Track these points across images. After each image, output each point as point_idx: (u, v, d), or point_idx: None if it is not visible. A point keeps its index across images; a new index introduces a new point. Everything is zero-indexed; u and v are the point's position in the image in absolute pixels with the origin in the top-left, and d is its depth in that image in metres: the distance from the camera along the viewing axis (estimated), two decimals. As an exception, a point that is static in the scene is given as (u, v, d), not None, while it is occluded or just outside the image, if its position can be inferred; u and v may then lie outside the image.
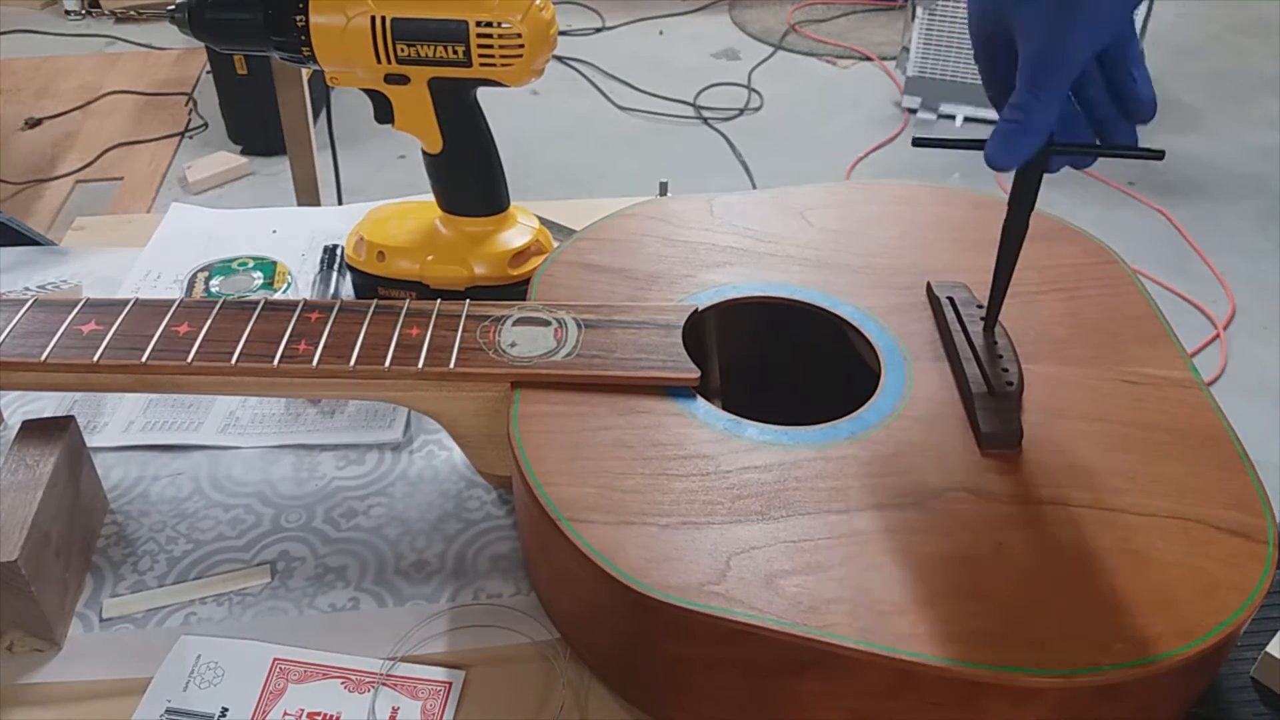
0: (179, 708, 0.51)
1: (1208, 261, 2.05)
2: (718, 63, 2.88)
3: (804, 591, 0.44)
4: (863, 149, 2.43)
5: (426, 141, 0.67)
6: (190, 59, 2.80)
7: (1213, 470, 0.49)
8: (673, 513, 0.47)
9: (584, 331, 0.57)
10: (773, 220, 0.67)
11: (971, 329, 0.56)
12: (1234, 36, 2.94)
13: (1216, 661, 0.46)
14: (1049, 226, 0.66)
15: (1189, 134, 2.48)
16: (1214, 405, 0.53)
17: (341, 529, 0.60)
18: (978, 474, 0.49)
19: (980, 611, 0.43)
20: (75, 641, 0.54)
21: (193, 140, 2.47)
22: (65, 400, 0.69)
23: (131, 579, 0.57)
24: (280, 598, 0.56)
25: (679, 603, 0.43)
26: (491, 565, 0.58)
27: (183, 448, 0.65)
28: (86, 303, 0.58)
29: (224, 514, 0.61)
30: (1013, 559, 0.45)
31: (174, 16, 0.65)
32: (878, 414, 0.53)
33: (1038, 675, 0.41)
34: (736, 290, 0.61)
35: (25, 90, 2.69)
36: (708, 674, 0.46)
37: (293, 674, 0.52)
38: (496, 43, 0.61)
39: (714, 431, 0.51)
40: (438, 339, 0.56)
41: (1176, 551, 0.45)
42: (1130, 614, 0.43)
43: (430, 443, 0.66)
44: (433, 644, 0.54)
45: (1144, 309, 0.60)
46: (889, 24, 3.04)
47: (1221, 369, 1.80)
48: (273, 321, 0.57)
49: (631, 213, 0.68)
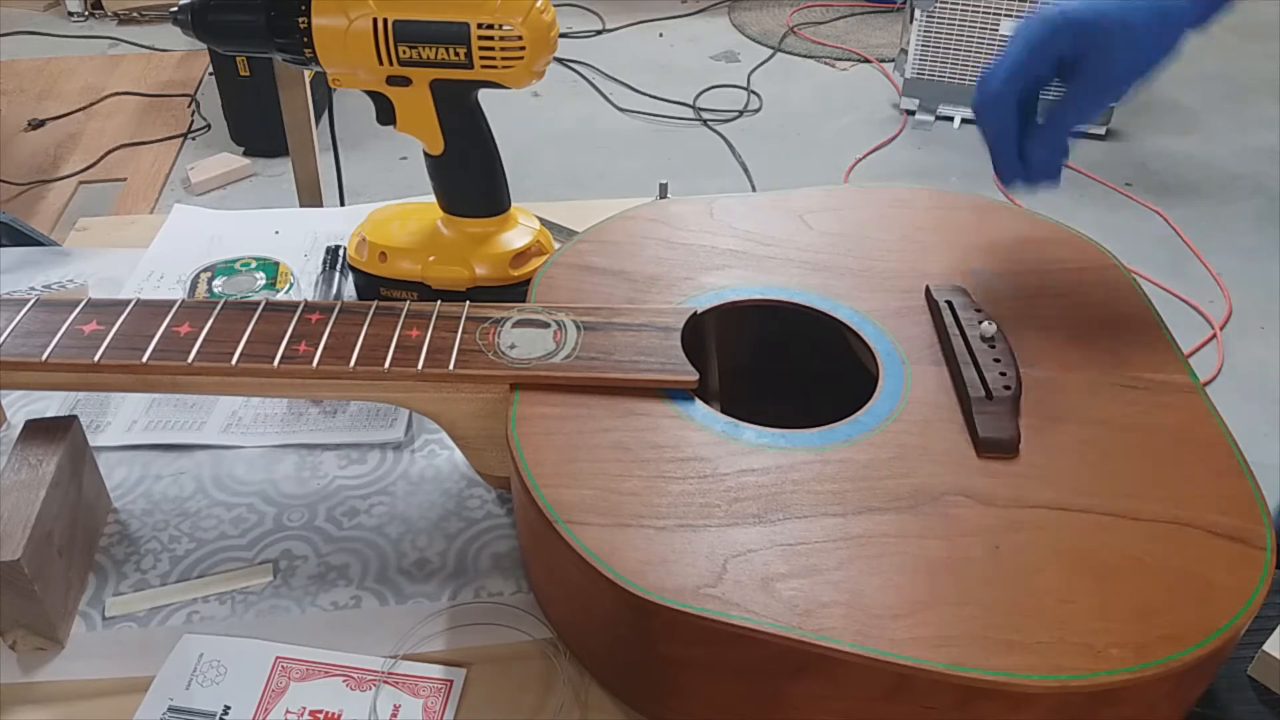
0: (181, 706, 0.51)
1: (1205, 262, 2.05)
2: (717, 65, 2.88)
3: (800, 595, 0.44)
4: (861, 150, 2.44)
5: (428, 143, 0.67)
6: (193, 61, 2.80)
7: (1210, 475, 0.50)
8: (670, 515, 0.47)
9: (583, 333, 0.57)
10: (772, 223, 0.67)
11: (970, 333, 0.57)
12: (1231, 38, 2.94)
13: (1213, 667, 0.46)
14: (1047, 230, 0.66)
15: (1186, 135, 2.49)
16: (1212, 410, 0.53)
17: (343, 528, 0.60)
18: (975, 478, 0.49)
19: (977, 616, 0.43)
20: (78, 640, 0.54)
21: (195, 141, 2.48)
22: (68, 400, 0.69)
23: (134, 578, 0.58)
24: (282, 596, 0.57)
25: (675, 605, 0.43)
26: (492, 564, 0.58)
27: (185, 447, 0.66)
28: (88, 303, 0.58)
29: (226, 513, 0.61)
30: (1009, 563, 0.45)
31: (176, 18, 0.65)
32: (875, 417, 0.53)
33: (1034, 680, 0.41)
34: (736, 293, 0.61)
35: (28, 91, 2.69)
36: (704, 677, 0.47)
37: (295, 672, 0.52)
38: (498, 45, 0.62)
39: (712, 434, 0.52)
40: (437, 340, 0.56)
41: (1173, 557, 0.46)
42: (1127, 619, 0.43)
43: (432, 442, 0.66)
44: (434, 642, 0.54)
45: (1142, 313, 0.60)
46: (887, 26, 3.05)
47: (1218, 369, 1.80)
48: (273, 322, 0.57)
49: (631, 215, 0.68)
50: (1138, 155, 2.41)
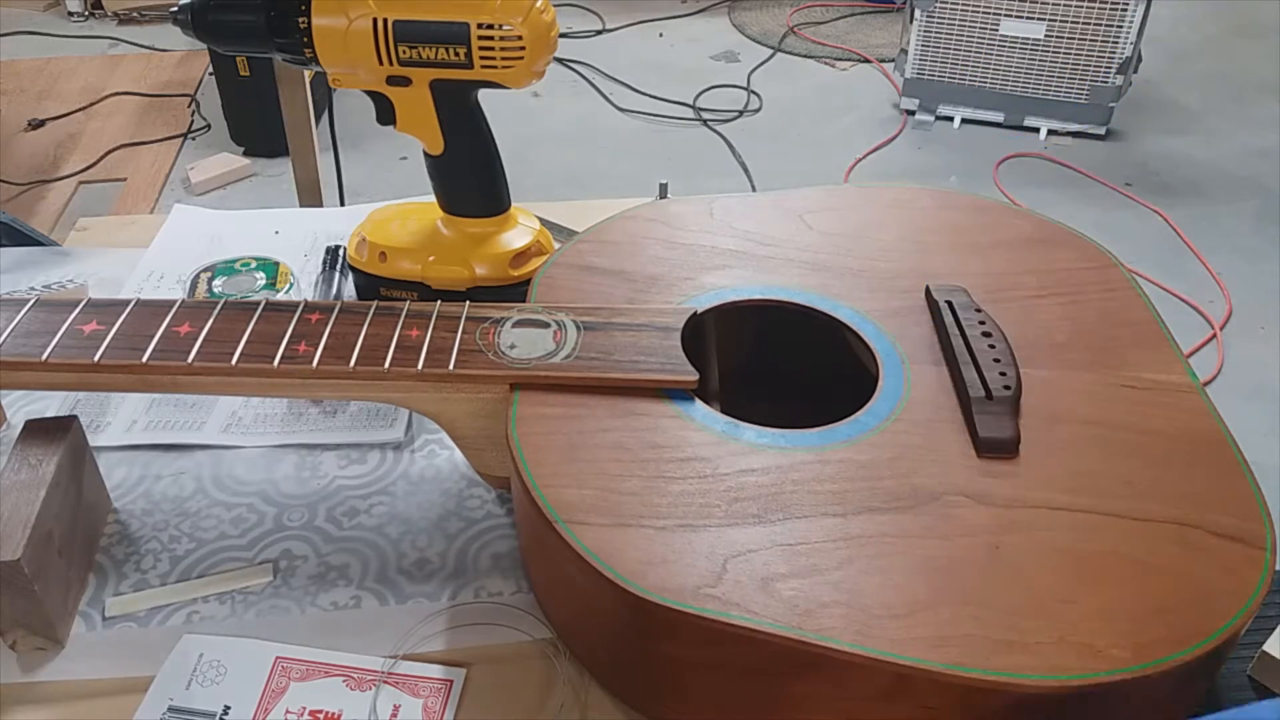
0: (181, 706, 0.51)
1: (1205, 262, 2.05)
2: (717, 65, 2.88)
3: (800, 595, 0.44)
4: (861, 150, 2.44)
5: (428, 143, 0.67)
6: (193, 61, 2.80)
7: (1210, 476, 0.50)
8: (670, 515, 0.47)
9: (583, 334, 0.57)
10: (772, 223, 0.67)
11: (970, 333, 0.57)
12: (1232, 38, 2.94)
13: (1214, 667, 0.46)
14: (1048, 230, 0.66)
15: (1186, 135, 2.49)
16: (1212, 410, 0.53)
17: (343, 528, 0.60)
18: (975, 478, 0.49)
19: (977, 616, 0.43)
20: (78, 640, 0.54)
21: (195, 142, 2.47)
22: (69, 400, 0.69)
23: (134, 578, 0.58)
24: (282, 596, 0.57)
25: (675, 605, 0.43)
26: (492, 564, 0.58)
27: (185, 447, 0.66)
28: (88, 303, 0.58)
29: (226, 513, 0.61)
30: (1009, 564, 0.45)
31: (177, 18, 0.65)
32: (875, 417, 0.53)
33: (1034, 680, 0.41)
34: (736, 293, 0.61)
35: (28, 91, 2.69)
36: (703, 676, 0.47)
37: (295, 672, 0.52)
38: (498, 45, 0.62)
39: (712, 434, 0.52)
40: (437, 340, 0.56)
41: (1174, 557, 0.46)
42: (1127, 619, 0.43)
43: (432, 442, 0.66)
44: (434, 642, 0.54)
45: (1143, 313, 0.60)
46: (887, 26, 3.04)
47: (1218, 369, 1.80)
48: (273, 322, 0.57)
49: (631, 215, 0.68)
50: (1138, 155, 2.40)
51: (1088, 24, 2.27)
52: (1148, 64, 2.50)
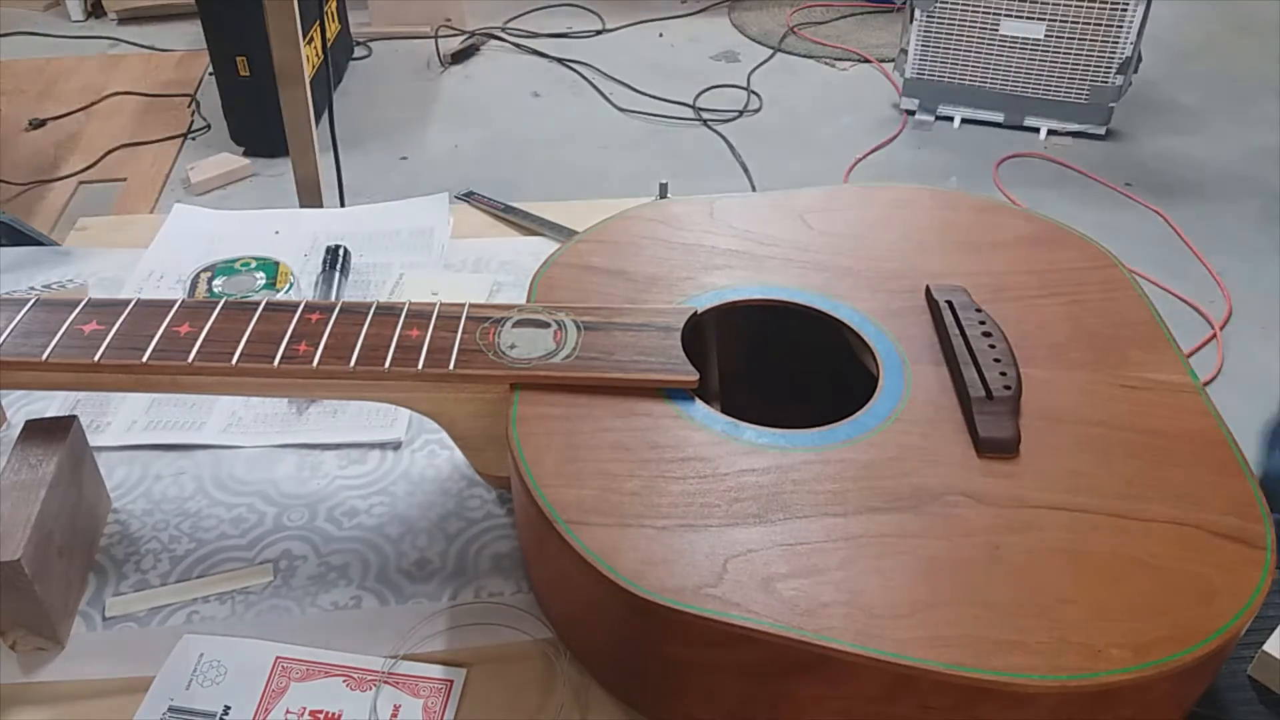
0: (181, 706, 0.51)
1: (1205, 262, 2.05)
2: (717, 65, 2.88)
3: (801, 595, 0.44)
4: (861, 150, 2.44)
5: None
6: (193, 61, 2.80)
7: (1211, 476, 0.50)
8: (670, 515, 0.47)
9: (583, 333, 0.57)
10: (772, 223, 0.67)
11: (970, 333, 0.57)
12: (1232, 37, 2.94)
13: (1214, 667, 0.46)
14: (1048, 230, 0.66)
15: (1187, 135, 2.49)
16: (1212, 410, 0.53)
17: (343, 528, 0.60)
18: (975, 478, 0.49)
19: (977, 616, 0.43)
20: (78, 640, 0.54)
21: (195, 141, 2.47)
22: (69, 400, 0.69)
23: (134, 578, 0.58)
24: (282, 596, 0.57)
25: (675, 605, 0.43)
26: (492, 564, 0.58)
27: (185, 447, 0.66)
28: (88, 303, 0.58)
29: (226, 513, 0.61)
30: (1010, 563, 0.45)
31: None
32: (876, 417, 0.53)
33: (1034, 680, 0.41)
34: (736, 293, 0.61)
35: (28, 91, 2.69)
36: (704, 677, 0.47)
37: (295, 672, 0.52)
38: None
39: (712, 434, 0.52)
40: (437, 340, 0.56)
41: (1174, 557, 0.46)
42: (1127, 619, 0.43)
43: (432, 442, 0.66)
44: (434, 642, 0.54)
45: (1143, 313, 0.60)
46: (887, 26, 3.04)
47: (1218, 369, 1.80)
48: (273, 322, 0.57)
49: (631, 215, 0.68)
50: (1138, 155, 2.40)
51: (1088, 24, 2.27)
52: (1148, 64, 2.49)
